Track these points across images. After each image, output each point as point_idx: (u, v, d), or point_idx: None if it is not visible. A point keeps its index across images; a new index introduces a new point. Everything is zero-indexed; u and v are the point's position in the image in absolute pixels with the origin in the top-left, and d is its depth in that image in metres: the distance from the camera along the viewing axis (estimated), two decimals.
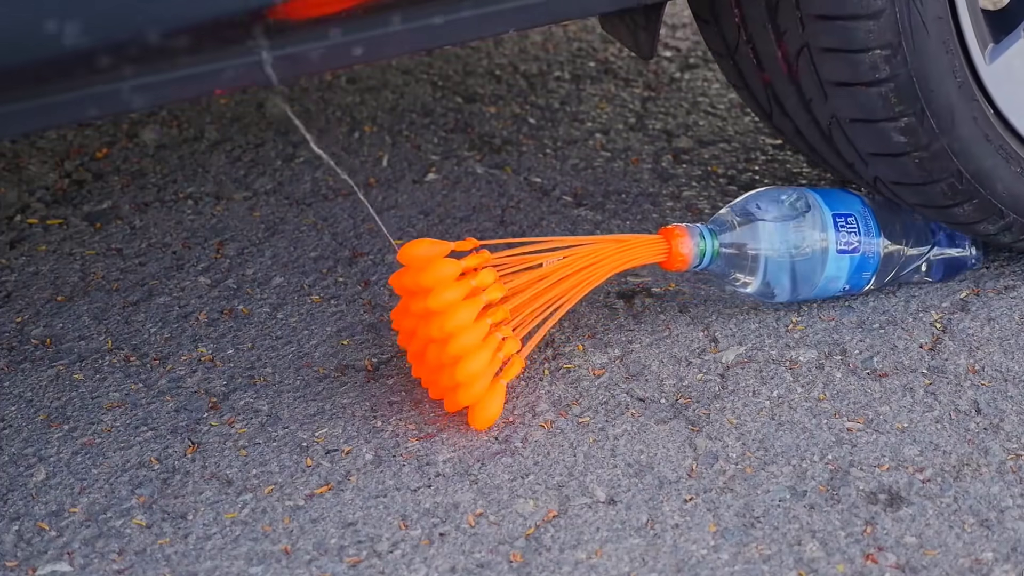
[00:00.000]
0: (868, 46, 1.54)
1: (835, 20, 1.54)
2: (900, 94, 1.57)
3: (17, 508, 1.46)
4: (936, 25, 1.55)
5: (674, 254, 1.64)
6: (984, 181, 1.65)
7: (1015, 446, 1.54)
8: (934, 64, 1.56)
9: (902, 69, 1.55)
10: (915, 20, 1.53)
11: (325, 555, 1.39)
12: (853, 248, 1.69)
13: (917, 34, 1.54)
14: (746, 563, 1.38)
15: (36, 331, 1.75)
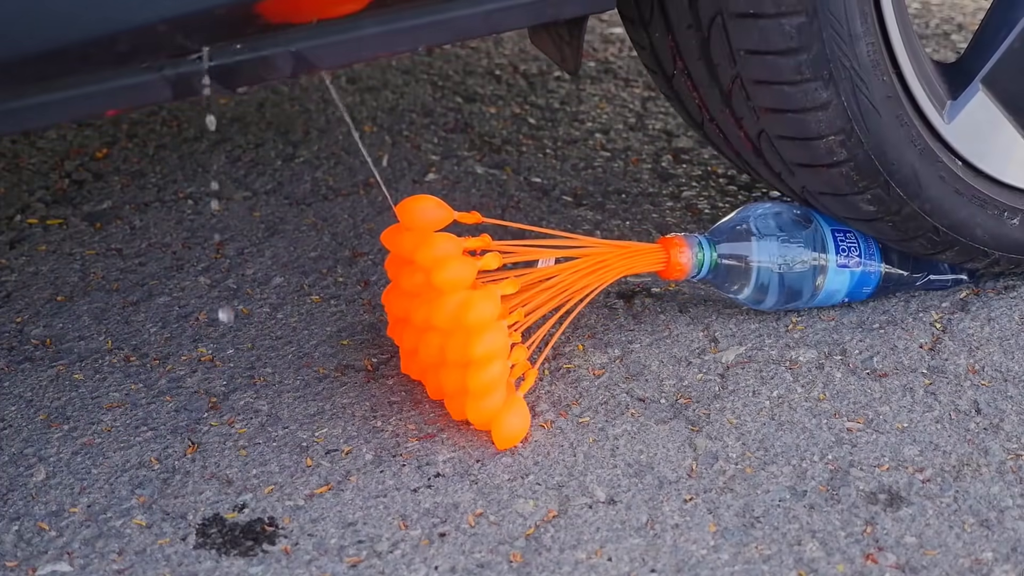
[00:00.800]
0: (821, 134, 1.56)
1: (786, 113, 1.55)
2: (861, 171, 1.59)
3: (17, 508, 1.46)
4: (886, 104, 1.56)
5: (672, 264, 1.65)
6: (962, 230, 1.67)
7: (1015, 446, 1.54)
8: (890, 140, 1.58)
9: (859, 150, 1.57)
10: (863, 105, 1.54)
11: (325, 555, 1.39)
12: (854, 264, 1.71)
13: (868, 117, 1.55)
14: (746, 563, 1.38)
15: (36, 331, 1.75)
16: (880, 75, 1.54)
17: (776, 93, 1.54)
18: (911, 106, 1.59)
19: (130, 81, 1.27)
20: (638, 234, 1.93)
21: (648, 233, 1.93)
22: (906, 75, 1.57)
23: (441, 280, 1.51)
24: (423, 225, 1.56)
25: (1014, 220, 1.68)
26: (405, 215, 1.56)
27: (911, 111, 1.59)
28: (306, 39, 1.31)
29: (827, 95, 1.52)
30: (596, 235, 1.93)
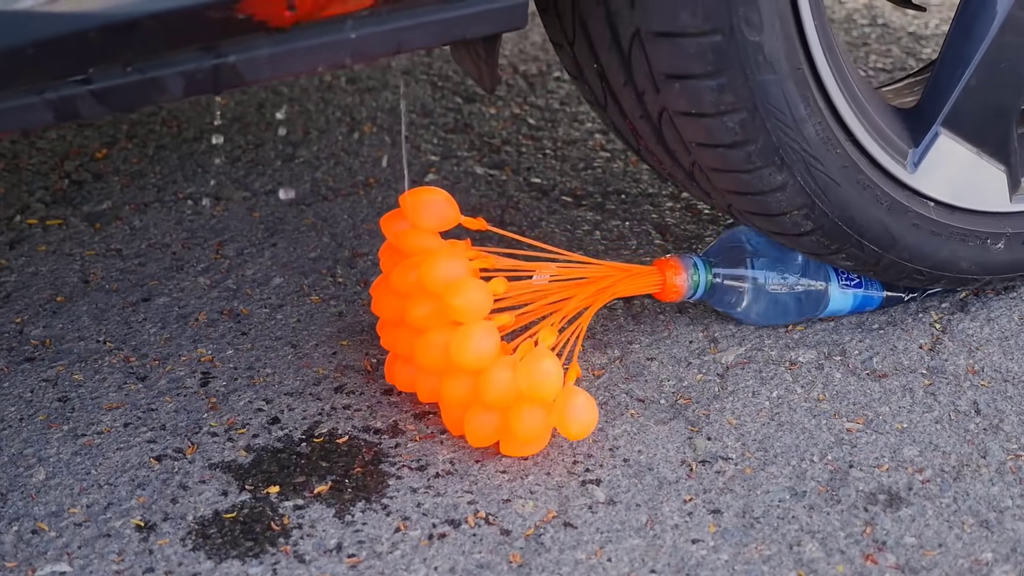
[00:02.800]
0: (784, 211, 1.56)
1: (746, 195, 1.56)
2: (831, 237, 1.60)
3: (17, 508, 1.46)
4: (844, 173, 1.56)
5: (668, 286, 1.66)
6: (947, 267, 1.67)
7: (1015, 446, 1.54)
8: (854, 205, 1.58)
9: (824, 220, 1.58)
10: (820, 180, 1.54)
11: (325, 555, 1.39)
12: (856, 283, 1.71)
13: (827, 189, 1.55)
14: (746, 563, 1.38)
15: (36, 331, 1.75)
16: (833, 149, 1.54)
17: (733, 178, 1.54)
18: (872, 167, 1.59)
19: (9, 104, 1.24)
20: (637, 234, 1.93)
21: (647, 233, 1.94)
22: (861, 141, 1.57)
23: (459, 305, 1.49)
24: (428, 223, 1.55)
25: (999, 244, 1.68)
26: (411, 208, 1.55)
27: (872, 172, 1.58)
28: (196, 61, 1.27)
29: (782, 178, 1.53)
30: (595, 235, 1.93)
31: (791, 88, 1.47)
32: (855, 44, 2.58)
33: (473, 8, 1.36)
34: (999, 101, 1.63)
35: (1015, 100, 1.64)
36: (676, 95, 1.47)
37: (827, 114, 1.53)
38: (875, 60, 2.52)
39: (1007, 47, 1.60)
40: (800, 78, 1.48)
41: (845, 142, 1.55)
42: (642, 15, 1.43)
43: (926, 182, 1.62)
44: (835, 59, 1.52)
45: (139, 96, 1.27)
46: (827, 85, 1.51)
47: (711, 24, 1.40)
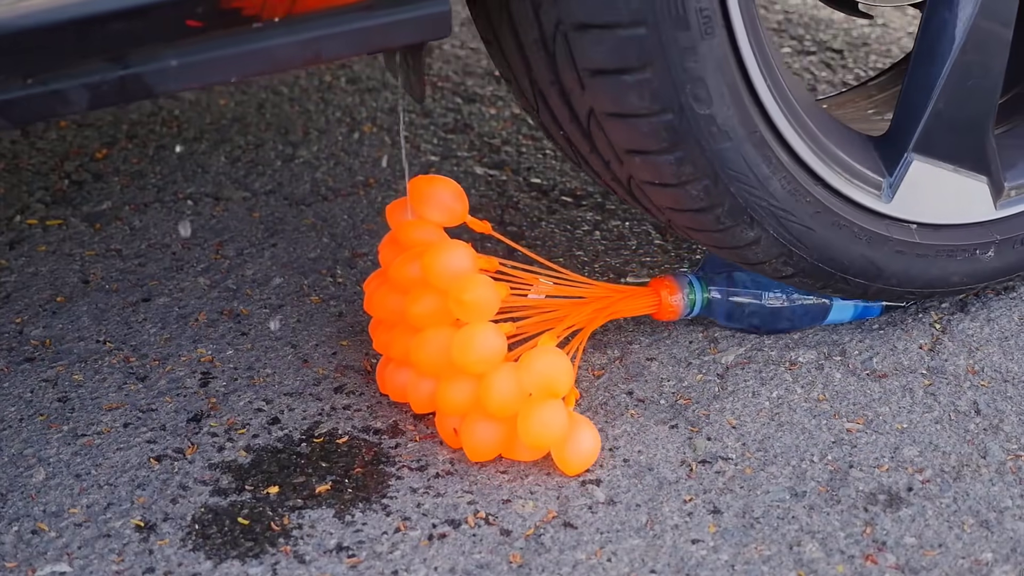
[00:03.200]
0: (762, 260, 1.57)
1: (723, 248, 1.57)
2: (815, 276, 1.61)
3: (17, 508, 1.46)
4: (818, 219, 1.56)
5: (664, 306, 1.66)
6: (937, 284, 1.68)
7: (1015, 447, 1.54)
8: (833, 245, 1.58)
9: (804, 263, 1.58)
10: (794, 229, 1.54)
11: (325, 555, 1.39)
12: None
13: (803, 237, 1.55)
14: (746, 564, 1.38)
15: (36, 331, 1.75)
16: (802, 199, 1.54)
17: (707, 236, 1.56)
18: (847, 205, 1.58)
19: None
20: (637, 234, 1.93)
21: (647, 233, 1.94)
22: (832, 183, 1.56)
23: (469, 300, 1.47)
24: (434, 216, 1.54)
25: (988, 253, 1.68)
26: (416, 197, 1.54)
27: (848, 210, 1.58)
28: (101, 72, 1.24)
29: (755, 233, 1.53)
30: (595, 235, 1.93)
31: (750, 151, 1.47)
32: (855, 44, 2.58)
33: (393, 16, 1.32)
34: (970, 117, 1.62)
35: (987, 112, 1.63)
36: (639, 167, 1.48)
37: (792, 167, 1.52)
38: (875, 60, 2.52)
39: (971, 65, 1.59)
40: (758, 140, 1.48)
41: (815, 188, 1.55)
42: (593, 98, 1.43)
43: (905, 208, 1.62)
44: (794, 113, 1.51)
45: (41, 109, 1.25)
46: (789, 140, 1.51)
47: (660, 104, 1.40)
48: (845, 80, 2.45)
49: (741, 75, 1.45)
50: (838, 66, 2.50)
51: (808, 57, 2.44)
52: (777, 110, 1.49)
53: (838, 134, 1.60)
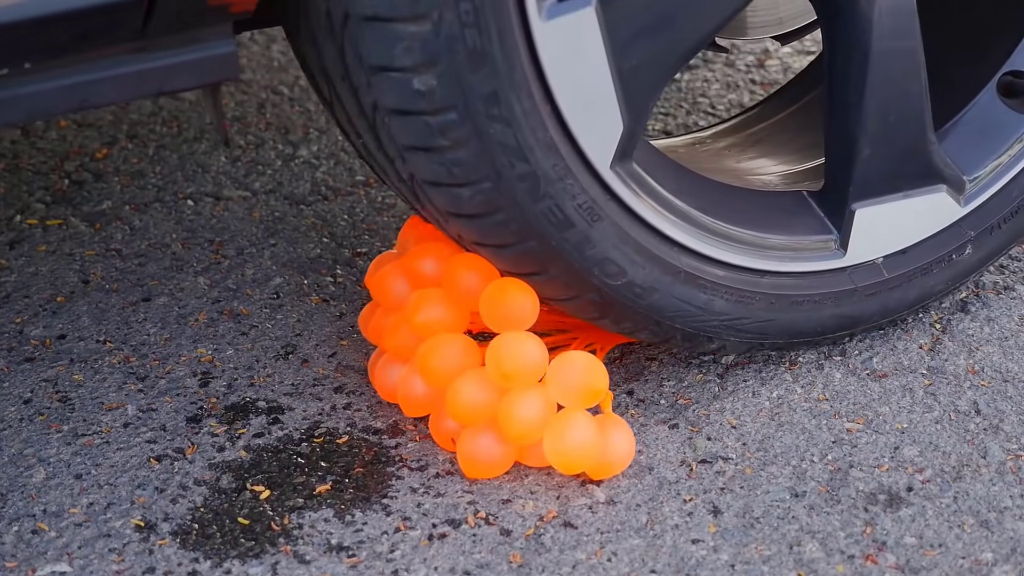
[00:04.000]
0: (734, 354, 1.59)
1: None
2: (790, 348, 1.63)
3: (17, 508, 1.46)
4: (774, 307, 1.56)
5: None
6: (923, 299, 1.67)
7: (1015, 447, 1.54)
8: (799, 321, 1.58)
9: (780, 343, 1.61)
10: (753, 328, 1.56)
11: (325, 555, 1.39)
12: None
13: (766, 328, 1.57)
14: (746, 564, 1.38)
15: (36, 331, 1.75)
16: (751, 302, 1.54)
17: (680, 345, 1.58)
18: (801, 279, 1.57)
19: None
20: None
21: None
22: (781, 270, 1.55)
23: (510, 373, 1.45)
24: (504, 324, 1.47)
25: (965, 251, 1.65)
26: (490, 305, 1.47)
27: (803, 284, 1.57)
28: None
29: (716, 344, 1.56)
30: None
31: (681, 290, 1.49)
32: None
33: (171, 60, 1.24)
34: (904, 146, 1.58)
35: (919, 133, 1.58)
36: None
37: (733, 280, 1.52)
38: None
39: (890, 101, 1.55)
40: (686, 276, 1.49)
41: (762, 283, 1.54)
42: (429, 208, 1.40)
43: (864, 252, 1.59)
44: (706, 231, 1.50)
45: None
46: (723, 259, 1.51)
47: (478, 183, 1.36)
48: None
49: (645, 228, 1.45)
50: None
51: (808, 57, 2.44)
52: (698, 243, 1.49)
53: (772, 221, 1.57)
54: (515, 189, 1.36)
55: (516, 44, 1.30)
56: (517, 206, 1.37)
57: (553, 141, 1.36)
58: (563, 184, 1.38)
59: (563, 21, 1.32)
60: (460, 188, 1.36)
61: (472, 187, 1.35)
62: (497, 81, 1.30)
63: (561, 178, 1.37)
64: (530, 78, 1.32)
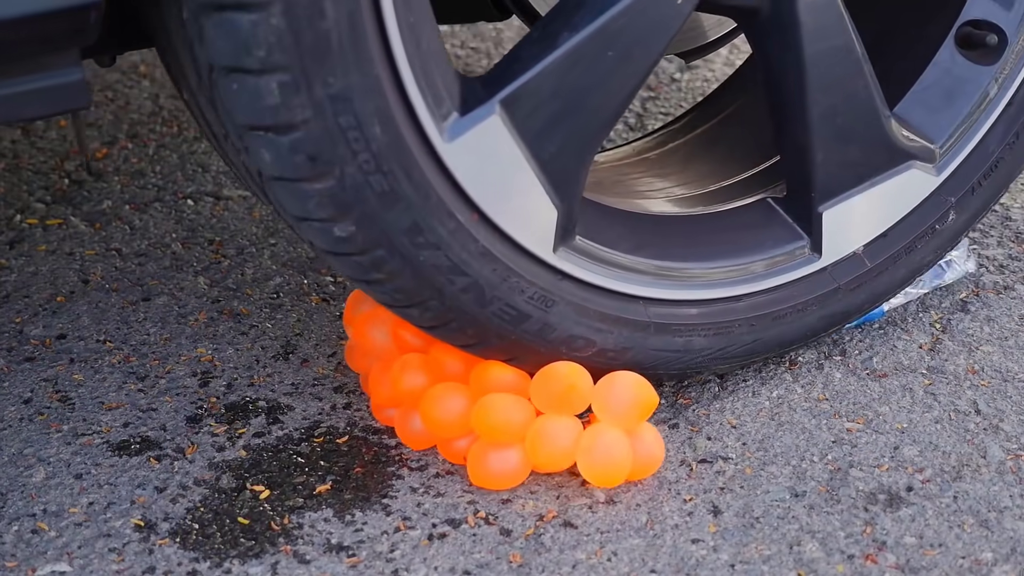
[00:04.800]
0: (721, 372, 1.58)
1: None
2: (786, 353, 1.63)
3: (17, 508, 1.46)
4: (756, 329, 1.56)
5: None
6: (914, 275, 1.66)
7: (1014, 446, 1.54)
8: (788, 333, 1.58)
9: (771, 354, 1.61)
10: (740, 351, 1.56)
11: (325, 555, 1.39)
12: None
13: (754, 348, 1.57)
14: (746, 563, 1.38)
15: (36, 331, 1.75)
16: (736, 333, 1.55)
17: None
18: (781, 291, 1.56)
19: None
20: None
21: None
22: (763, 288, 1.55)
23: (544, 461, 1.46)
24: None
25: (948, 218, 1.61)
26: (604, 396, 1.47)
27: (783, 295, 1.56)
28: None
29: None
30: None
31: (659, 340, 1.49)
32: None
33: (9, 89, 1.19)
34: (859, 141, 1.53)
35: (874, 123, 1.53)
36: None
37: (717, 305, 1.52)
38: None
39: (834, 106, 1.50)
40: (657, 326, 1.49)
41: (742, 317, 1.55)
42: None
43: (841, 248, 1.56)
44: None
45: None
46: (694, 298, 1.50)
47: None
48: None
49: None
50: None
51: None
52: (664, 291, 1.48)
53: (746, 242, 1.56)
54: (461, 301, 1.37)
55: (425, 174, 1.30)
56: (468, 315, 1.38)
57: (487, 249, 1.36)
58: (508, 284, 1.38)
59: (468, 137, 1.32)
60: (410, 309, 1.38)
61: (420, 307, 1.37)
62: (414, 213, 1.31)
63: (504, 279, 1.38)
64: (448, 199, 1.32)
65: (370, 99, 1.24)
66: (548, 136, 1.36)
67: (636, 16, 1.35)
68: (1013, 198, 2.04)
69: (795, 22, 1.45)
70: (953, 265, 1.80)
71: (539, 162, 1.36)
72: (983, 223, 1.96)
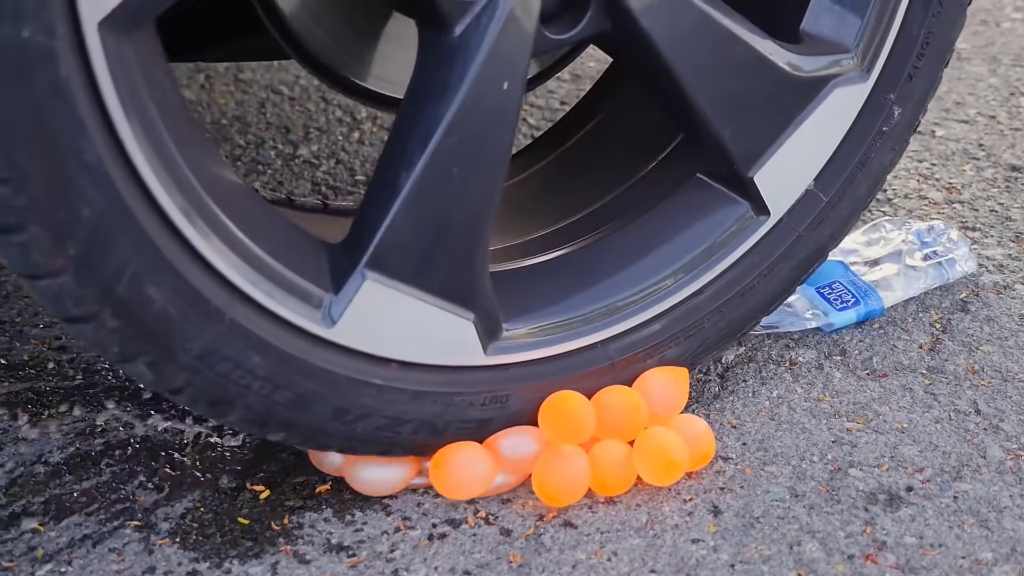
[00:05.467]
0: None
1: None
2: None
3: (17, 508, 1.46)
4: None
5: None
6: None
7: (1014, 446, 1.54)
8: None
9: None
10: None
11: (325, 555, 1.40)
12: (853, 303, 1.72)
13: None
14: (746, 563, 1.38)
15: (36, 331, 1.75)
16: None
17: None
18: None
19: None
20: None
21: None
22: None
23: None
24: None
25: (894, 114, 1.52)
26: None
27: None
28: None
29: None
30: None
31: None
32: None
33: None
34: (762, 97, 1.46)
35: (774, 76, 1.45)
36: None
37: (680, 309, 1.49)
38: None
39: (718, 70, 1.44)
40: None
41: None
42: None
43: (790, 196, 1.52)
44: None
45: None
46: (652, 316, 1.48)
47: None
48: None
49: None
50: None
51: None
52: (623, 324, 1.46)
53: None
54: (418, 441, 1.40)
55: (325, 366, 1.31)
56: (429, 446, 1.42)
57: (418, 389, 1.36)
58: (454, 404, 1.39)
59: (350, 313, 1.30)
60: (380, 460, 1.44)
61: (386, 454, 1.42)
62: (334, 400, 1.33)
63: (448, 404, 1.39)
64: (358, 370, 1.33)
65: (237, 342, 1.24)
66: (429, 268, 1.33)
67: (466, 127, 1.30)
68: (1013, 198, 2.04)
69: (643, 36, 1.38)
70: (955, 265, 1.80)
71: (432, 292, 1.34)
72: (983, 223, 1.96)
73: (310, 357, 1.29)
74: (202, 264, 1.20)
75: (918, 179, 2.11)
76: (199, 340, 1.22)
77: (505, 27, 1.28)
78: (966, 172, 2.13)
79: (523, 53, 1.31)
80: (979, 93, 2.41)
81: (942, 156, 2.18)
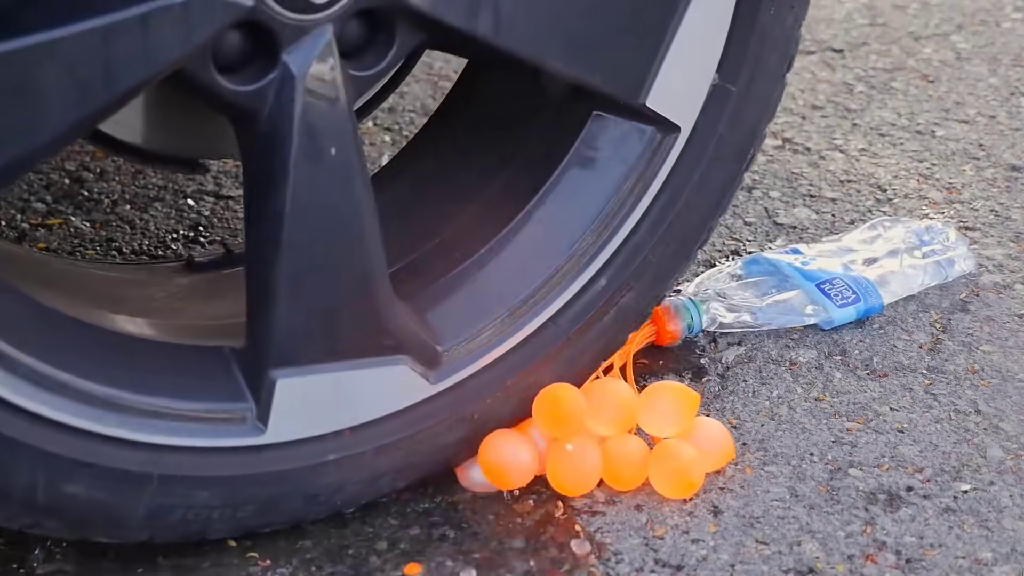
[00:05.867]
0: None
1: None
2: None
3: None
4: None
5: (662, 332, 1.68)
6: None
7: (1015, 446, 1.54)
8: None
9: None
10: None
11: (326, 555, 1.40)
12: (853, 299, 1.72)
13: None
14: (746, 563, 1.38)
15: None
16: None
17: None
18: None
19: None
20: None
21: None
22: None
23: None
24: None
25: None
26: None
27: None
28: None
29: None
30: None
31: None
32: (855, 44, 2.58)
33: None
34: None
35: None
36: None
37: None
38: (875, 60, 2.52)
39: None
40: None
41: None
42: None
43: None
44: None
45: None
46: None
47: None
48: (845, 80, 2.46)
49: None
50: (838, 65, 2.50)
51: (808, 57, 2.44)
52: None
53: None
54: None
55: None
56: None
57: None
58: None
59: (276, 422, 1.29)
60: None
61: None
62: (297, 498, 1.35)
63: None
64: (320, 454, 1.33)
65: (180, 490, 1.28)
66: (337, 340, 1.29)
67: (309, 206, 1.22)
68: (1013, 198, 2.04)
69: (465, 36, 1.26)
70: (953, 264, 1.81)
71: (349, 357, 1.30)
72: (983, 223, 1.97)
73: (256, 468, 1.29)
74: (119, 442, 1.24)
75: (918, 179, 2.11)
76: (146, 506, 1.27)
77: (306, 96, 1.19)
78: (966, 172, 2.13)
79: (338, 112, 1.21)
80: (979, 93, 2.41)
81: (942, 156, 2.18)
